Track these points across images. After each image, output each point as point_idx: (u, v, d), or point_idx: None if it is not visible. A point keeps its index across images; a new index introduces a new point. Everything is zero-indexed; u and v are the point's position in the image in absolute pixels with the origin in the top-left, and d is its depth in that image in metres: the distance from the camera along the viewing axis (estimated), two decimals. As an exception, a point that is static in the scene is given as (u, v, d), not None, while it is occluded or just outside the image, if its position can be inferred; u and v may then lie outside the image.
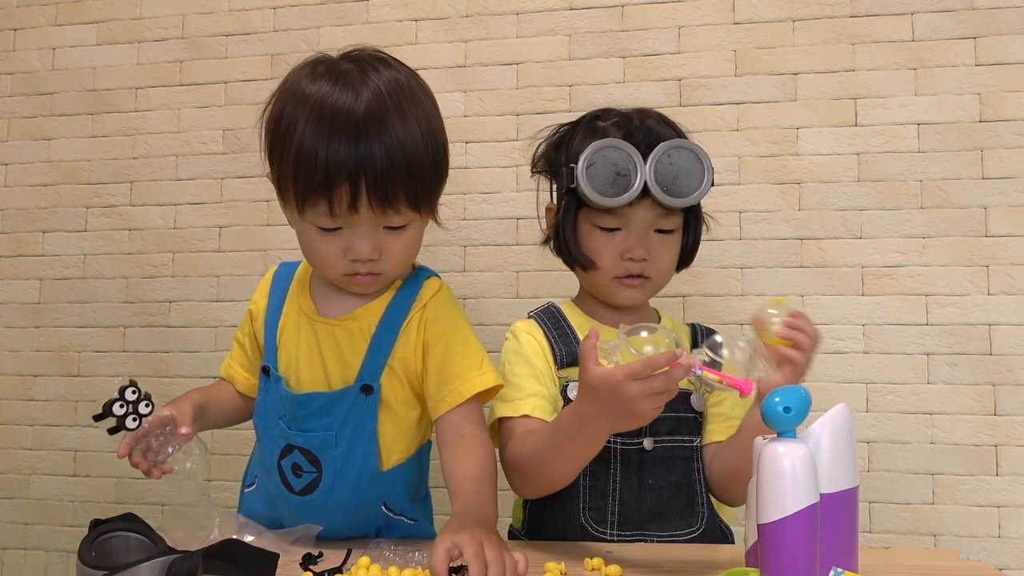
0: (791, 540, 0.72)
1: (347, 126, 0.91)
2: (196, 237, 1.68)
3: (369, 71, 0.96)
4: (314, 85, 0.95)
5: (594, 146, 1.04)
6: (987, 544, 1.39)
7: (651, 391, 0.82)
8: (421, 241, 1.03)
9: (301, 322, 1.05)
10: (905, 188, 1.46)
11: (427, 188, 0.97)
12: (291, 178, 0.95)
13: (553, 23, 1.59)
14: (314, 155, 0.92)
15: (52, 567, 1.67)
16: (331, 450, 1.00)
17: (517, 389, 1.08)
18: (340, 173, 0.91)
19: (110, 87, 1.73)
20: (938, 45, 1.47)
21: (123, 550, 0.82)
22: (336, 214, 0.93)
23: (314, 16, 1.67)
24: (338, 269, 0.99)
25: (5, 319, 1.73)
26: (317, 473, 1.01)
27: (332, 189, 0.92)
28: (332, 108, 0.93)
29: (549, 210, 1.18)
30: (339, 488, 1.01)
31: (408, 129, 0.94)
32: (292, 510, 1.03)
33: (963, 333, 1.43)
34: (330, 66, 0.98)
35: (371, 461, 1.01)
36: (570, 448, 0.94)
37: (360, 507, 1.03)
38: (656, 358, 0.80)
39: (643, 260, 1.08)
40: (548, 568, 0.88)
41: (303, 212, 0.96)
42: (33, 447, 1.70)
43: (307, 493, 1.01)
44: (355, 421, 1.00)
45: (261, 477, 1.09)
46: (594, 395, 0.86)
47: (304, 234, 0.99)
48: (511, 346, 1.14)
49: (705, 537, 1.07)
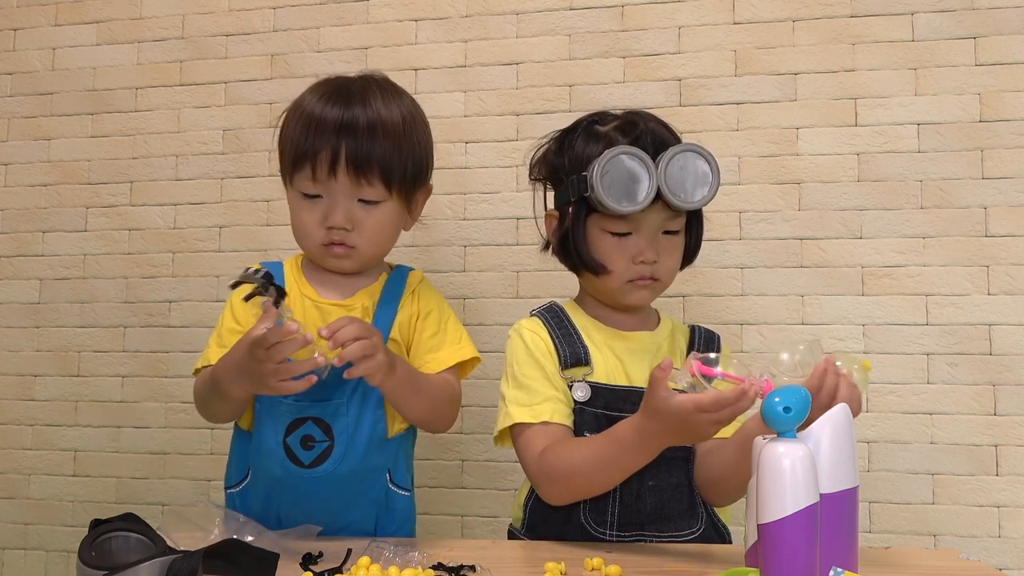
0: (791, 540, 0.72)
1: (339, 96, 1.09)
2: (196, 237, 1.68)
3: (369, 78, 1.15)
4: (317, 90, 1.13)
5: (608, 154, 1.04)
6: (987, 544, 1.39)
7: (718, 420, 0.87)
8: (396, 229, 1.15)
9: (306, 305, 1.13)
10: (905, 188, 1.46)
11: (401, 170, 1.10)
12: (287, 148, 1.10)
13: (553, 23, 1.59)
14: (308, 121, 1.08)
15: (52, 567, 1.67)
16: (343, 417, 1.07)
17: (533, 393, 1.09)
18: (324, 137, 1.06)
19: (110, 87, 1.74)
20: (938, 45, 1.47)
21: (123, 550, 0.82)
22: (317, 178, 1.08)
23: (314, 16, 1.67)
24: (316, 238, 1.10)
25: (5, 319, 1.73)
26: (329, 442, 1.06)
27: (316, 153, 1.07)
28: (331, 87, 1.12)
29: (551, 216, 1.17)
30: (350, 455, 1.07)
31: (390, 111, 1.10)
32: (299, 488, 1.07)
33: (963, 333, 1.43)
34: (337, 80, 1.15)
35: (379, 426, 1.09)
36: (626, 461, 0.99)
37: (367, 476, 1.09)
38: (726, 396, 0.85)
39: (654, 262, 1.10)
40: (548, 568, 0.88)
41: (292, 180, 1.11)
42: (33, 447, 1.70)
43: (318, 464, 1.06)
44: (363, 390, 1.07)
45: (258, 466, 1.10)
46: (661, 419, 0.91)
47: (292, 206, 1.13)
48: (518, 346, 1.13)
49: (704, 538, 1.07)
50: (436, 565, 0.89)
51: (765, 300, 1.49)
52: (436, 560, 0.90)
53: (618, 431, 0.98)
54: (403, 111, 1.11)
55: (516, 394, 1.10)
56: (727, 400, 0.85)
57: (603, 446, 1.00)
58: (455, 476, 1.56)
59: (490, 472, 1.54)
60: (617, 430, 0.99)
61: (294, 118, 1.11)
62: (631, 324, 1.16)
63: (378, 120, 1.08)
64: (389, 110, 1.09)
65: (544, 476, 1.05)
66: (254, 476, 1.11)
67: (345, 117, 1.07)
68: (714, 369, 0.86)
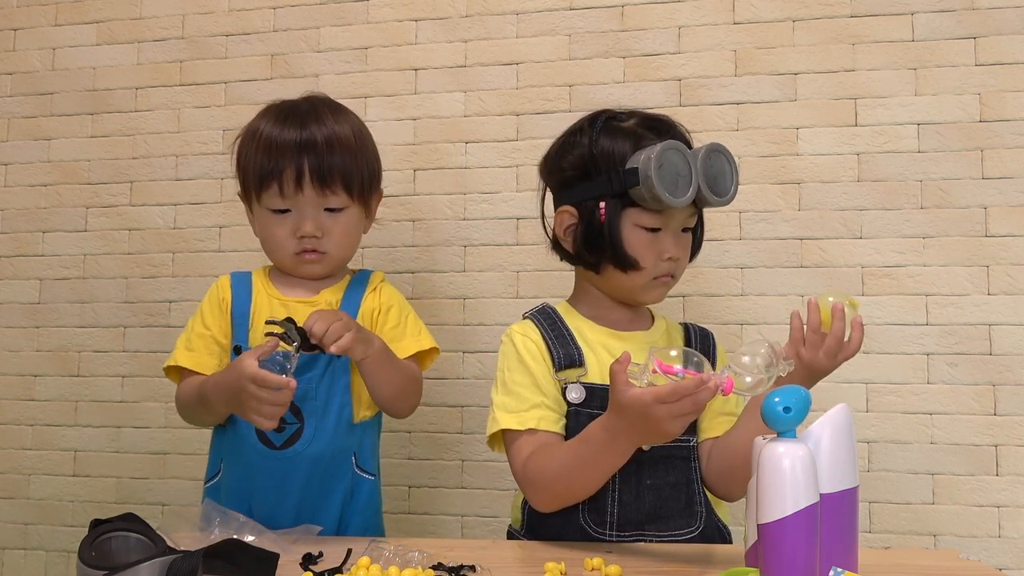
0: (791, 540, 0.72)
1: (293, 118, 1.19)
2: (196, 237, 1.68)
3: (314, 99, 1.25)
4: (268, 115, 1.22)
5: (662, 147, 1.05)
6: (987, 544, 1.39)
7: (678, 413, 0.87)
8: (359, 232, 1.25)
9: (273, 305, 1.21)
10: (905, 188, 1.46)
11: (359, 178, 1.20)
12: (251, 174, 1.19)
13: (553, 23, 1.59)
14: (268, 144, 1.17)
15: (52, 567, 1.67)
16: (312, 401, 1.15)
17: (520, 400, 1.09)
18: (287, 156, 1.16)
19: (110, 87, 1.73)
20: (938, 45, 1.47)
21: (123, 550, 0.83)
22: (285, 194, 1.17)
23: (314, 16, 1.67)
24: (289, 249, 1.19)
25: (5, 319, 1.73)
26: (299, 423, 1.14)
27: (282, 171, 1.16)
28: (282, 110, 1.21)
29: (564, 212, 1.14)
30: (319, 438, 1.15)
31: (341, 127, 1.20)
32: (271, 470, 1.14)
33: (963, 333, 1.43)
34: (285, 104, 1.24)
35: (346, 411, 1.18)
36: (599, 461, 0.99)
37: (335, 458, 1.17)
38: (684, 385, 0.84)
39: (678, 259, 1.12)
40: (548, 568, 0.88)
41: (260, 198, 1.19)
42: (33, 447, 1.70)
43: (289, 445, 1.14)
44: (332, 375, 1.17)
45: (231, 455, 1.18)
46: (624, 414, 0.91)
47: (261, 223, 1.21)
48: (509, 352, 1.13)
49: (704, 536, 1.07)
50: (436, 565, 0.89)
51: (765, 300, 1.49)
52: (436, 560, 0.90)
53: (589, 432, 0.99)
54: (352, 127, 1.22)
55: (504, 400, 1.10)
56: (685, 390, 0.84)
57: (577, 448, 1.00)
58: (455, 476, 1.56)
59: (490, 472, 1.54)
60: (588, 431, 0.99)
61: (251, 144, 1.20)
62: (627, 324, 1.16)
63: (334, 136, 1.18)
64: (341, 126, 1.20)
65: (529, 483, 1.06)
66: (227, 467, 1.18)
67: (303, 136, 1.17)
68: (674, 367, 0.86)
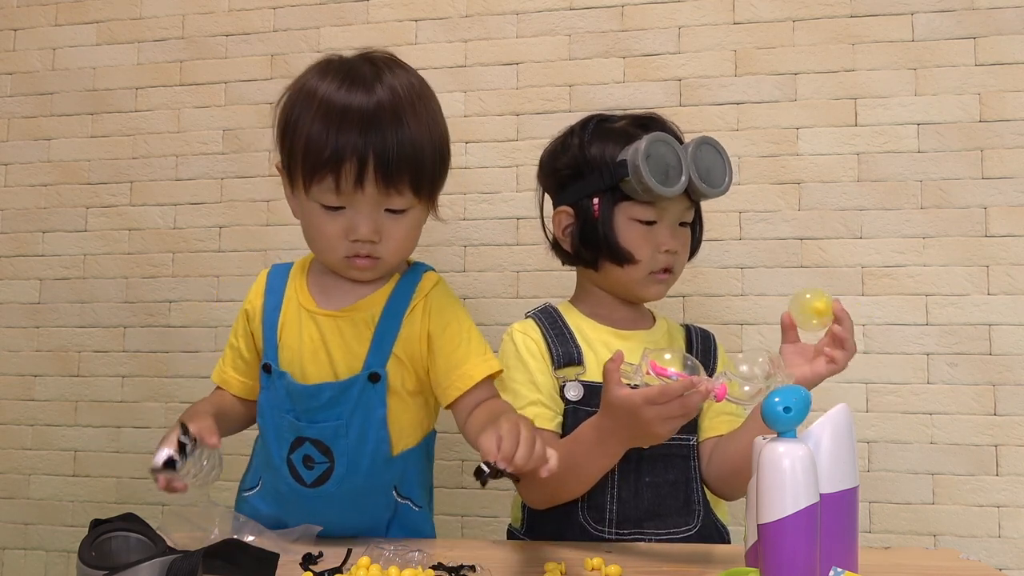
0: (791, 540, 0.72)
1: (359, 86, 0.98)
2: (196, 237, 1.68)
3: (384, 71, 1.01)
4: (325, 81, 1.00)
5: (649, 139, 1.07)
6: (987, 544, 1.39)
7: (667, 416, 0.86)
8: (420, 231, 1.07)
9: (302, 317, 1.07)
10: (905, 188, 1.46)
11: (430, 177, 1.02)
12: (300, 155, 0.99)
13: (553, 23, 1.59)
14: (325, 133, 0.96)
15: (52, 567, 1.67)
16: (342, 439, 1.02)
17: (517, 397, 1.09)
18: (349, 151, 0.95)
19: (110, 87, 1.73)
20: (938, 45, 1.46)
21: (123, 550, 0.83)
22: (342, 191, 0.97)
23: (314, 16, 1.67)
24: (339, 251, 1.02)
25: (5, 319, 1.73)
26: (329, 463, 1.02)
27: (340, 165, 0.96)
28: (347, 75, 0.99)
29: (562, 212, 1.16)
30: (352, 476, 1.02)
31: (419, 123, 0.99)
32: (303, 504, 1.04)
33: (963, 333, 1.43)
34: (343, 63, 1.03)
35: (382, 447, 1.03)
36: (589, 460, 0.98)
37: (372, 492, 1.05)
38: (673, 387, 0.84)
39: (675, 253, 1.13)
40: (548, 568, 0.88)
41: (309, 189, 0.99)
42: (33, 447, 1.70)
43: (320, 484, 1.03)
44: (365, 409, 1.02)
45: (267, 477, 1.08)
46: (614, 415, 0.91)
47: (308, 215, 1.02)
48: (508, 349, 1.14)
49: (701, 534, 1.08)
50: (436, 565, 0.89)
51: (765, 300, 1.49)
52: (436, 560, 0.90)
53: (580, 431, 0.99)
54: (429, 118, 1.01)
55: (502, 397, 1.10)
56: (674, 392, 0.84)
57: (569, 447, 1.00)
58: (455, 476, 1.55)
59: (490, 472, 1.54)
60: (580, 430, 0.99)
61: (306, 113, 0.99)
62: (628, 323, 1.17)
63: (408, 136, 0.98)
64: (419, 123, 0.99)
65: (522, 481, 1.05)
66: (264, 486, 1.10)
67: (371, 134, 0.96)
68: (668, 369, 0.85)
